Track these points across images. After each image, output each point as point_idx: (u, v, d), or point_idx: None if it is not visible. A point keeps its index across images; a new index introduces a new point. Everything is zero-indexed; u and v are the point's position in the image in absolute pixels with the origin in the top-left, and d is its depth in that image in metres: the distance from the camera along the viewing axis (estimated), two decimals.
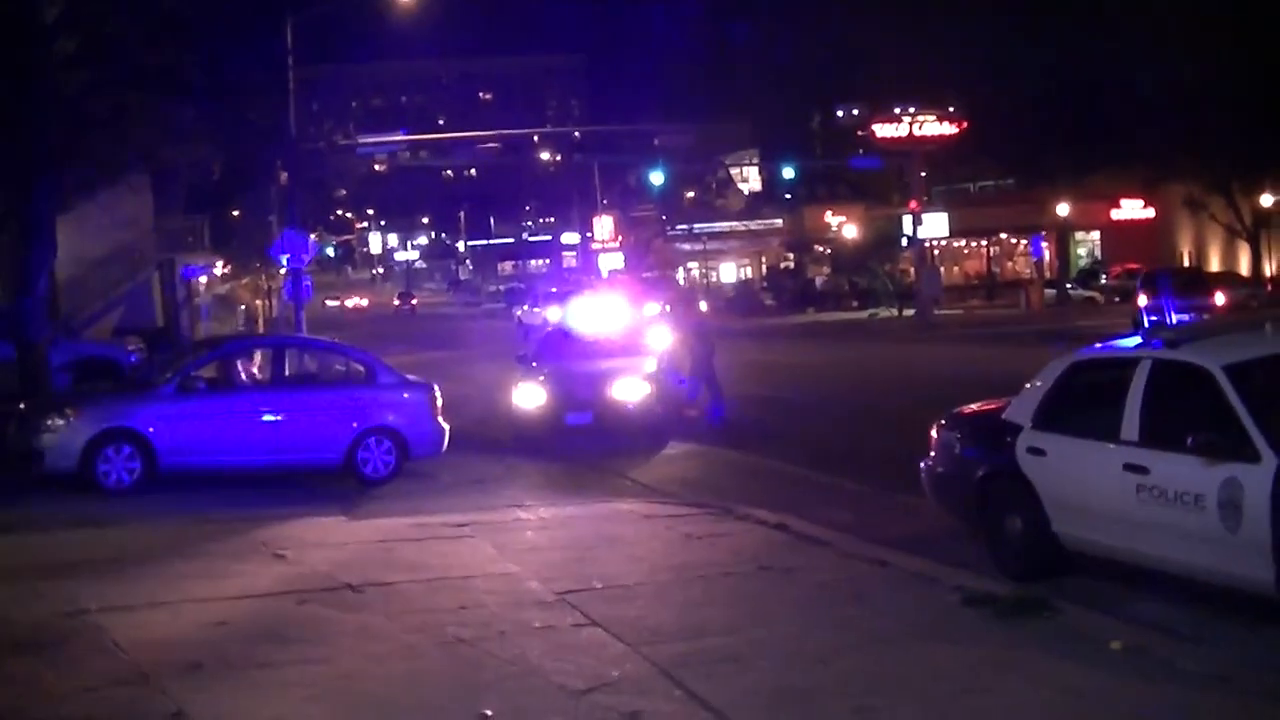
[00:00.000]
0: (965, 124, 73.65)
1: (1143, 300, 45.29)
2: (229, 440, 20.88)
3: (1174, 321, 13.56)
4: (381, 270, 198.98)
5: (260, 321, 77.37)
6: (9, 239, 27.26)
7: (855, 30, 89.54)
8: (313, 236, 44.17)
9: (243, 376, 23.06)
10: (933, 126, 73.68)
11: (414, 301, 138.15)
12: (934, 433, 15.25)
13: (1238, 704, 9.20)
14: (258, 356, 24.61)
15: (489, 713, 9.36)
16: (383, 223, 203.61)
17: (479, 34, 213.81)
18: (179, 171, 55.47)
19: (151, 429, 20.38)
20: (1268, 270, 74.88)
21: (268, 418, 21.15)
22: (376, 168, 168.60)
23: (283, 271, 45.96)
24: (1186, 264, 79.59)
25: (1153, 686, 9.62)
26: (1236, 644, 10.79)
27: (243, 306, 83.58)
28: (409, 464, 21.82)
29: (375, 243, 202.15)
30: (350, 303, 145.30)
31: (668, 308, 36.34)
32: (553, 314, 37.35)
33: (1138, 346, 13.02)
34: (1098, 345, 14.49)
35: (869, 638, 11.12)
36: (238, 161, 58.16)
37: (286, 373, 22.93)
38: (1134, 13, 64.78)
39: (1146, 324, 13.03)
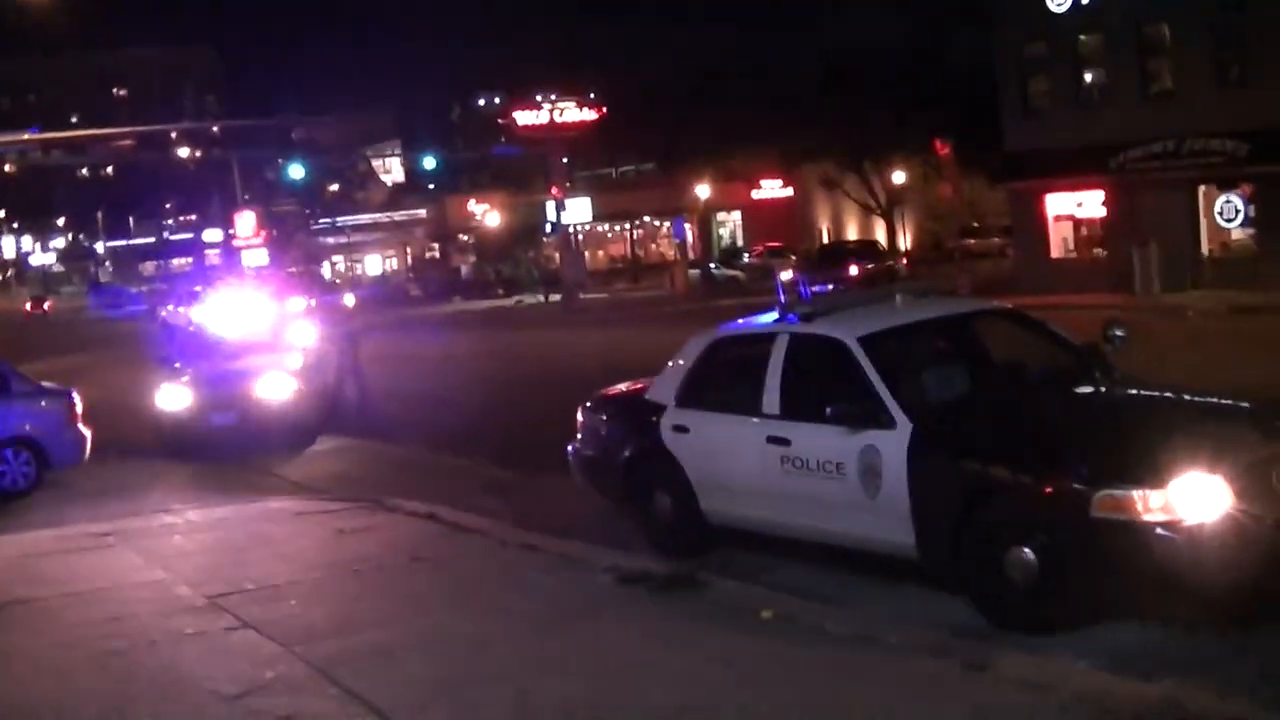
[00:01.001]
0: (604, 110, 74.49)
1: (785, 275, 46.34)
2: None
3: (809, 295, 13.84)
4: (13, 273, 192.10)
5: None
6: None
7: (495, 17, 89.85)
8: None
9: None
10: (573, 113, 74.33)
11: (46, 306, 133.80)
12: (580, 415, 15.33)
13: (883, 659, 9.44)
14: None
15: None
16: (15, 225, 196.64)
17: (112, 27, 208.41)
18: None
19: None
20: (902, 244, 77.46)
21: None
22: (6, 168, 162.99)
23: None
24: (825, 240, 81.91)
25: (802, 649, 9.81)
26: (878, 604, 11.10)
27: None
28: (49, 474, 21.09)
29: (8, 246, 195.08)
30: None
31: (313, 303, 35.90)
32: (197, 314, 36.65)
33: (775, 321, 13.21)
34: (738, 321, 14.74)
35: (525, 622, 11.11)
36: None
37: None
38: None
39: (782, 299, 13.23)
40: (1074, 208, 51.56)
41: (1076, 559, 9.81)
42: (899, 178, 74.16)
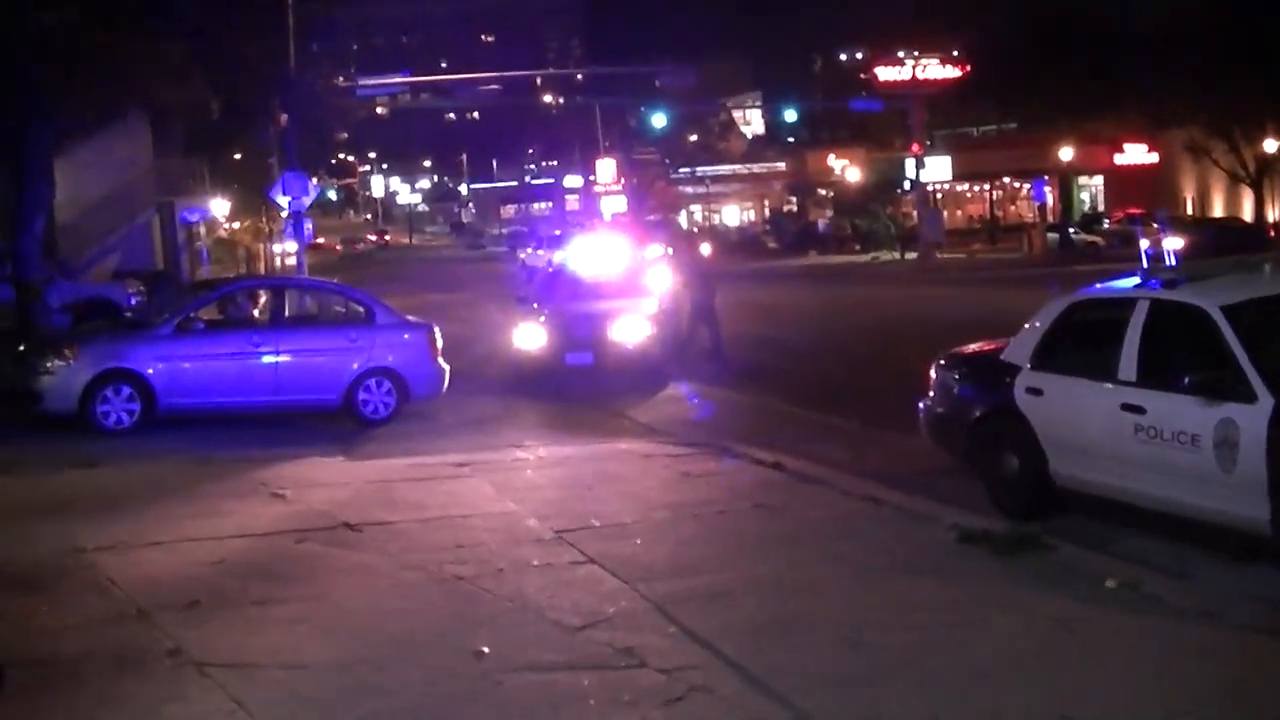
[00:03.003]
0: (967, 67, 73.52)
1: (1145, 243, 45.10)
2: (228, 381, 20.82)
3: (1173, 262, 13.49)
4: (374, 214, 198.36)
5: (262, 264, 77.19)
6: (5, 181, 27.21)
7: None
8: (314, 180, 43.91)
9: (242, 317, 23.01)
10: (935, 69, 73.57)
11: (387, 239, 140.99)
12: (932, 372, 15.28)
13: (1223, 637, 9.25)
14: (257, 297, 24.58)
15: (485, 649, 9.39)
16: (385, 166, 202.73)
17: None
18: (177, 112, 55.26)
19: (150, 370, 20.34)
20: (1271, 216, 74.62)
21: (267, 358, 21.07)
22: (378, 110, 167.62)
23: (283, 214, 45.75)
24: (1189, 211, 79.42)
25: (1141, 620, 9.68)
26: (1223, 580, 10.84)
27: (244, 249, 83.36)
28: (409, 405, 21.76)
29: (377, 186, 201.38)
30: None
31: (670, 250, 36.24)
32: (556, 256, 37.38)
33: (1136, 287, 12.94)
34: (1096, 285, 14.47)
35: (861, 573, 11.17)
36: (237, 103, 57.91)
37: (286, 314, 22.98)
38: None
39: (1145, 264, 12.96)
40: None
41: None
42: (1271, 146, 71.37)
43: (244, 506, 14.53)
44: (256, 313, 23.62)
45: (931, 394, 15.20)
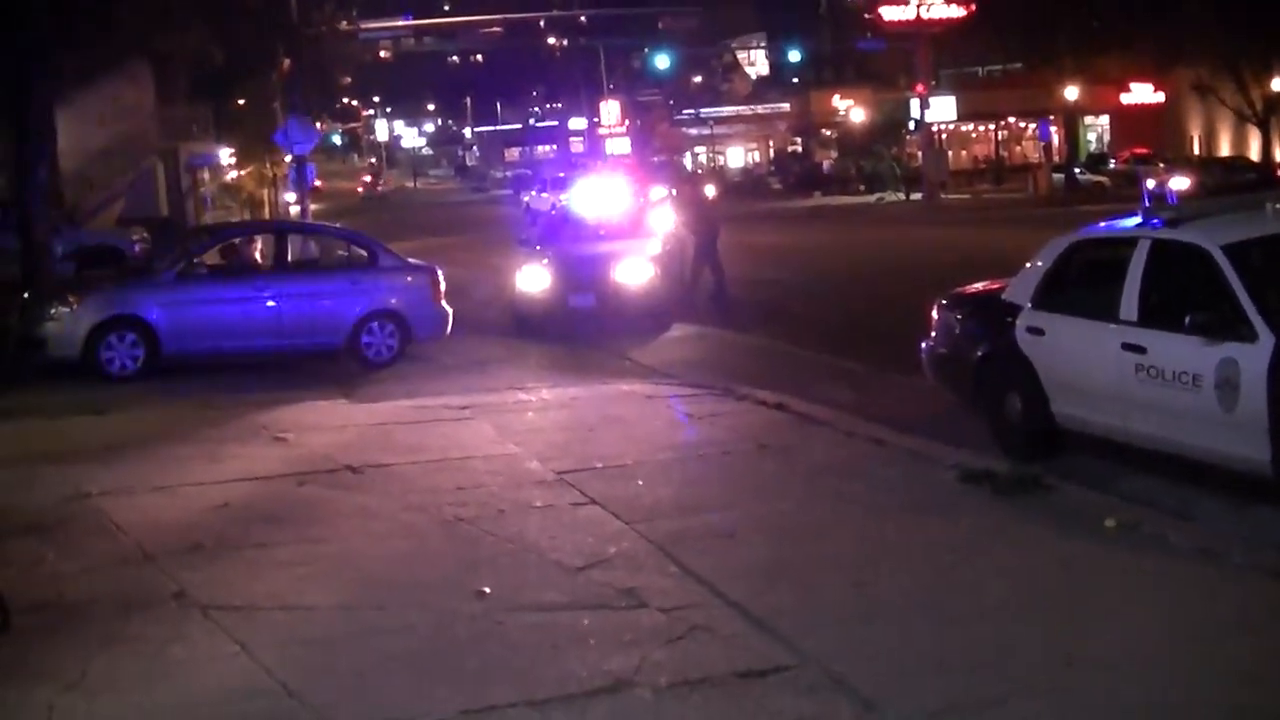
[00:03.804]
0: (973, 6, 73.15)
1: (1150, 183, 45.03)
2: (231, 326, 20.87)
3: (1174, 200, 13.46)
4: (375, 158, 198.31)
5: (266, 210, 77.09)
6: (7, 129, 27.15)
7: None
8: (318, 125, 43.97)
9: (245, 262, 23.02)
10: (940, 9, 73.21)
11: (379, 186, 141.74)
12: (934, 313, 15.26)
13: (1224, 575, 9.27)
14: (259, 242, 24.61)
15: (486, 589, 9.43)
16: (389, 110, 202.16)
17: None
18: (180, 59, 55.16)
19: (154, 316, 20.40)
20: (1278, 155, 74.31)
21: (270, 303, 21.11)
22: (381, 54, 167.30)
23: (288, 159, 45.75)
24: (1196, 150, 79.20)
25: (1142, 558, 9.70)
26: (1225, 521, 10.85)
27: (248, 195, 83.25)
28: (412, 347, 21.84)
29: (381, 130, 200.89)
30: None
31: (674, 191, 36.21)
32: (560, 198, 37.32)
33: (1137, 226, 12.90)
34: (1100, 224, 14.46)
35: (865, 513, 11.20)
36: (240, 48, 57.82)
37: (289, 258, 22.99)
38: None
39: (1146, 203, 12.93)
40: None
41: None
42: (1278, 84, 70.99)
43: (246, 450, 14.60)
44: (259, 257, 23.61)
45: (934, 334, 15.19)
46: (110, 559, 10.46)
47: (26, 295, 22.19)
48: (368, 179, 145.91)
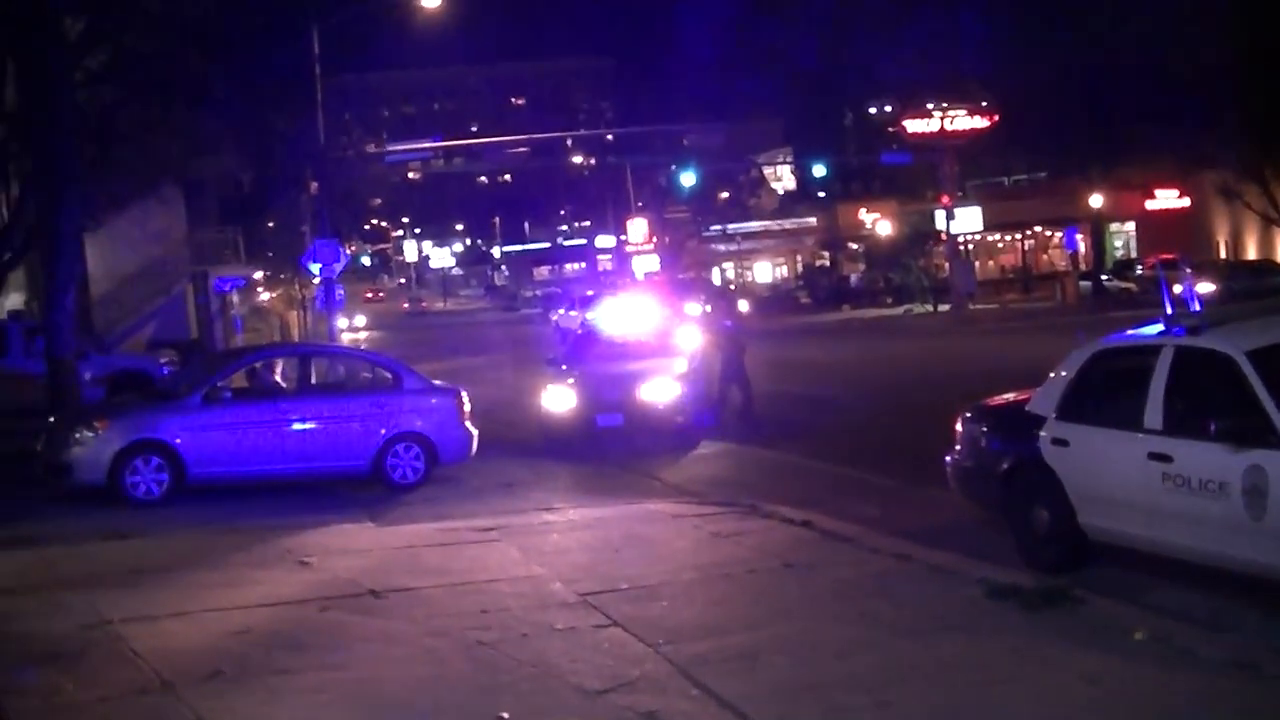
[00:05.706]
0: (996, 117, 73.47)
1: (1178, 288, 44.86)
2: (256, 449, 20.84)
3: (1197, 307, 13.37)
4: (405, 279, 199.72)
5: (295, 332, 77.45)
6: (39, 254, 27.39)
7: (884, 25, 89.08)
8: (350, 246, 44.30)
9: (269, 385, 23.05)
10: (964, 120, 73.56)
11: (423, 305, 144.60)
12: (959, 425, 15.17)
13: (1257, 689, 9.14)
14: (284, 365, 24.62)
15: (505, 715, 9.33)
16: (418, 230, 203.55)
17: (508, 38, 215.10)
18: (211, 183, 55.62)
19: (179, 440, 20.39)
20: None
21: (295, 426, 21.12)
22: (410, 175, 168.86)
23: (315, 281, 45.96)
24: (1223, 254, 79.14)
25: (1173, 673, 9.58)
26: (1256, 631, 10.70)
27: (277, 317, 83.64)
28: (438, 469, 21.79)
29: (410, 250, 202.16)
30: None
31: (708, 308, 36.22)
32: (589, 316, 37.41)
33: (1160, 334, 12.83)
34: (1122, 333, 14.38)
35: (890, 631, 11.07)
36: (269, 172, 58.31)
37: (313, 380, 23.02)
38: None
39: (1169, 311, 12.87)
40: None
41: None
42: None
43: (270, 575, 14.53)
44: (284, 380, 23.62)
45: (958, 447, 15.09)
46: (128, 688, 10.36)
47: (52, 420, 22.23)
48: (412, 299, 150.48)
